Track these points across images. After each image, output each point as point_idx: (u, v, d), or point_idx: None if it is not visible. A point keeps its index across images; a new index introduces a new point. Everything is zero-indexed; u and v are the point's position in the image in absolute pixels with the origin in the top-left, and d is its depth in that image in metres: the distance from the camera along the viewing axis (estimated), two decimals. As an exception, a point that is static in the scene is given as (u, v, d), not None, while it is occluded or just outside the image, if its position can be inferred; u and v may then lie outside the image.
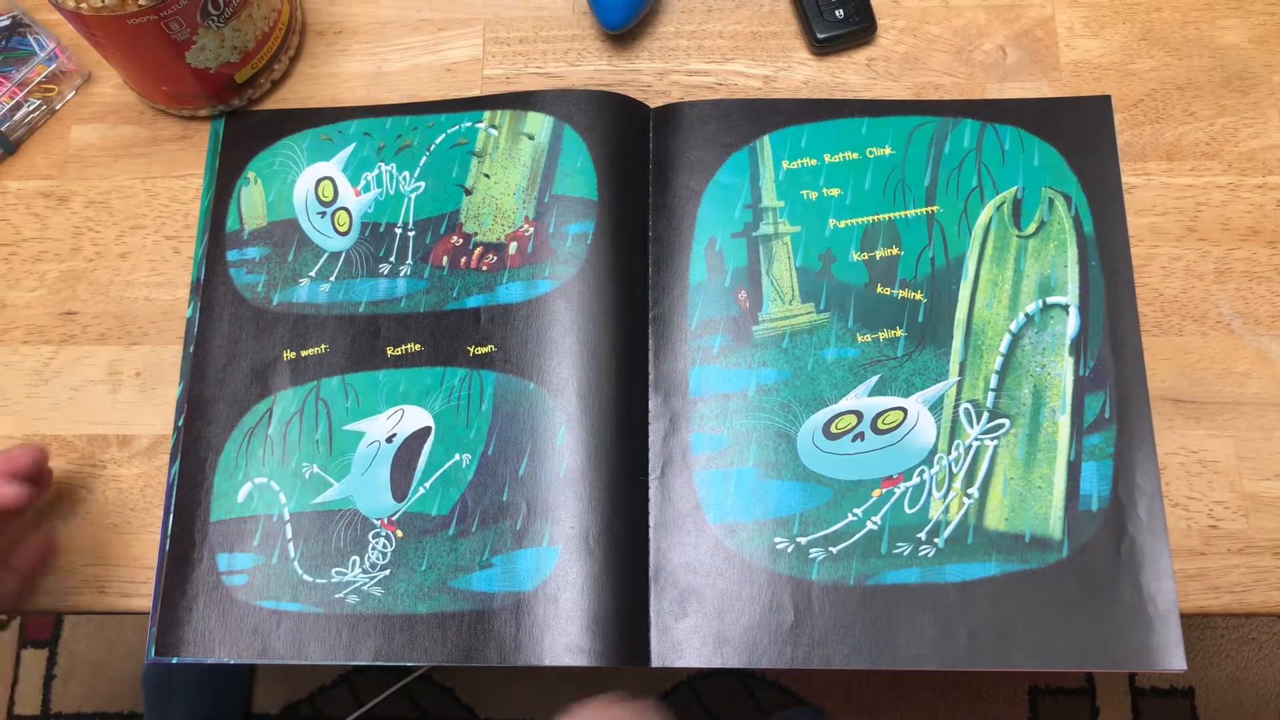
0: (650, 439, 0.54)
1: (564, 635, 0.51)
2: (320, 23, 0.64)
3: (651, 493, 0.54)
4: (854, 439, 0.54)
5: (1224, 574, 0.52)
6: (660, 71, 0.62)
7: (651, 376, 0.55)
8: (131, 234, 0.60)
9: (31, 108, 0.61)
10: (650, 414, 0.55)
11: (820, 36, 0.60)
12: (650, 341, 0.56)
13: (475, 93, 0.62)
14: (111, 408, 0.57)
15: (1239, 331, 0.56)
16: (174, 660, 0.52)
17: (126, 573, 0.54)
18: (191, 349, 0.57)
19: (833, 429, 0.54)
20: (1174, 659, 0.50)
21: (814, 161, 0.58)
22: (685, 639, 0.51)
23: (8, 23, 0.61)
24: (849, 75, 0.61)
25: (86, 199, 0.61)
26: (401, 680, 1.20)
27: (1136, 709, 1.20)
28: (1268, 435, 0.54)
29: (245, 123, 0.61)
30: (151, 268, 0.59)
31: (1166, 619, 0.50)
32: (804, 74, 0.61)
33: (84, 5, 0.51)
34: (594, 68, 0.62)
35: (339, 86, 0.62)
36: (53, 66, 0.61)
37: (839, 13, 0.61)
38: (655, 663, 0.51)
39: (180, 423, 0.56)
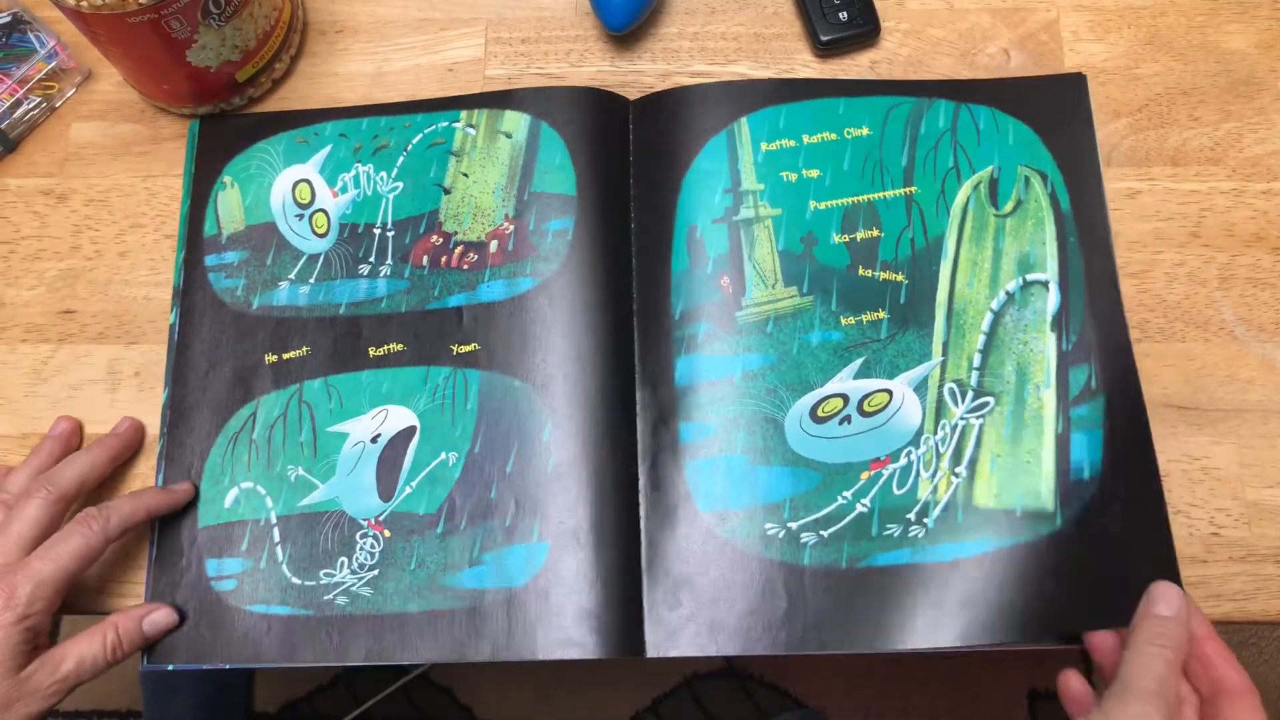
0: (639, 431, 0.54)
1: (556, 629, 0.50)
2: (322, 21, 0.63)
3: (641, 484, 0.53)
4: (841, 422, 0.54)
5: (1225, 582, 0.52)
6: (663, 73, 0.62)
7: (638, 368, 0.55)
8: (131, 233, 0.60)
9: (31, 105, 0.61)
10: (638, 405, 0.55)
11: (824, 39, 0.60)
12: (636, 333, 0.56)
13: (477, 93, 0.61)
14: (110, 407, 0.57)
15: (1242, 338, 0.55)
16: (168, 668, 0.51)
17: (123, 573, 0.54)
18: (174, 355, 0.57)
19: (819, 413, 0.54)
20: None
21: (792, 143, 0.58)
22: (679, 629, 0.51)
23: (8, 19, 0.61)
24: (852, 77, 0.61)
25: (86, 197, 0.60)
26: (400, 680, 1.20)
27: (1136, 713, 1.19)
28: (1271, 443, 0.54)
29: (220, 126, 0.61)
30: (151, 267, 0.59)
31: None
32: (807, 76, 0.61)
33: (84, 3, 0.50)
34: (596, 68, 0.62)
35: (340, 86, 0.62)
36: (53, 64, 0.61)
37: (842, 15, 0.60)
38: (650, 653, 0.51)
39: (164, 429, 0.55)
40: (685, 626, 0.51)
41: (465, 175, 0.58)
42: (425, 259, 0.57)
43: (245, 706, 1.21)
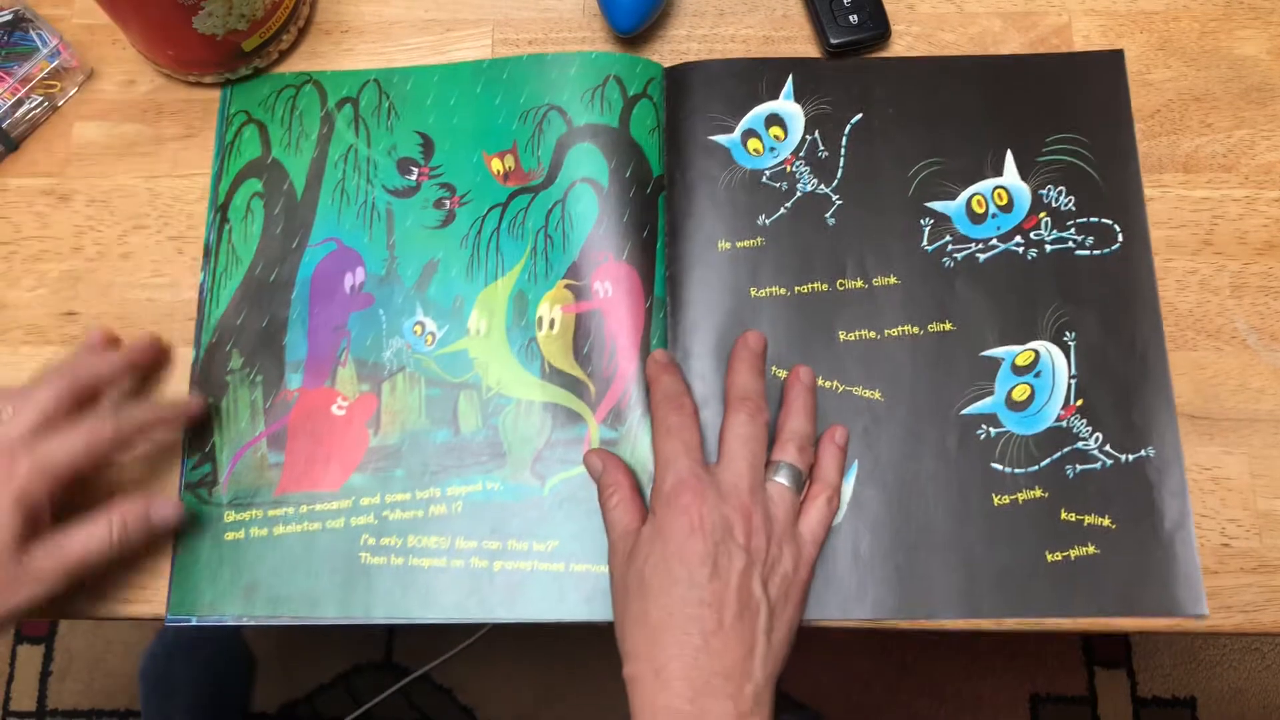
0: None
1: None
2: (327, 21, 0.63)
3: None
4: None
5: (1236, 593, 0.52)
6: (671, 75, 0.61)
7: (669, 336, 0.55)
8: (134, 234, 0.59)
9: (33, 104, 0.60)
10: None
11: (833, 42, 0.60)
12: (667, 301, 0.55)
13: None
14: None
15: (1254, 347, 0.55)
16: (193, 620, 0.52)
17: (126, 577, 0.53)
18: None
19: None
20: (1196, 605, 0.50)
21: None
22: None
23: (10, 18, 0.61)
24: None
25: (88, 198, 0.60)
26: (401, 681, 1.20)
27: (1138, 717, 1.19)
28: (1282, 453, 0.54)
29: None
30: (154, 268, 0.58)
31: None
32: (816, 80, 0.61)
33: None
34: (604, 71, 0.61)
35: (345, 86, 0.61)
36: (55, 63, 0.60)
37: (852, 18, 0.60)
38: None
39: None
40: None
41: None
42: None
43: (243, 707, 1.20)
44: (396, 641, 1.23)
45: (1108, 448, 0.52)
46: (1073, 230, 0.56)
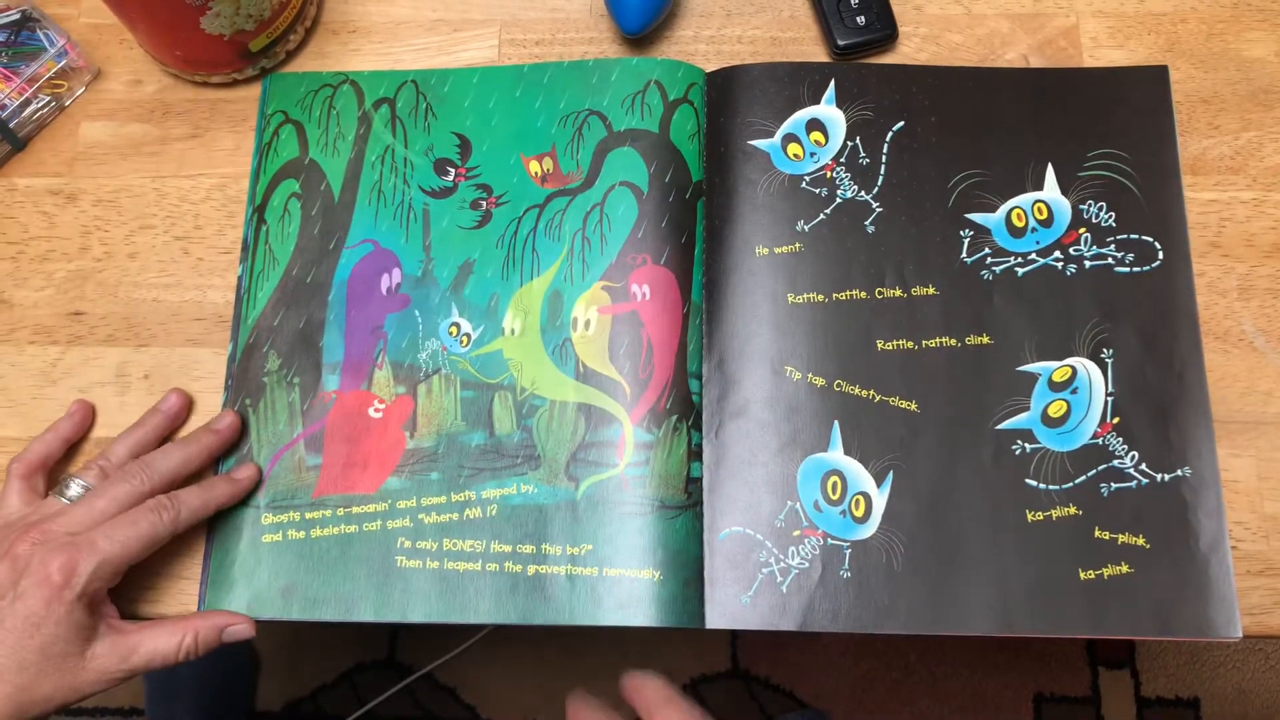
0: (705, 399, 0.54)
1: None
2: (334, 21, 0.63)
3: (705, 455, 0.53)
4: None
5: (1244, 596, 0.52)
6: (678, 76, 0.61)
7: (705, 341, 0.55)
8: (140, 234, 0.59)
9: (41, 104, 0.60)
10: (704, 376, 0.54)
11: (841, 43, 0.60)
12: (704, 306, 0.55)
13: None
14: (119, 410, 0.56)
15: (1262, 350, 0.55)
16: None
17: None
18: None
19: None
20: (1230, 627, 0.50)
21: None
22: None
23: (17, 17, 0.61)
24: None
25: (95, 198, 0.60)
26: (404, 679, 1.20)
27: (1142, 718, 1.19)
28: (1290, 456, 0.53)
29: None
30: (161, 269, 0.58)
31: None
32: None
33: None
34: (611, 71, 0.61)
35: (352, 87, 0.61)
36: (62, 63, 0.60)
37: (860, 19, 0.60)
38: (709, 625, 0.51)
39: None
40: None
41: None
42: None
43: (247, 705, 1.21)
44: (400, 640, 1.23)
45: (1143, 466, 0.52)
46: (1113, 246, 0.55)
